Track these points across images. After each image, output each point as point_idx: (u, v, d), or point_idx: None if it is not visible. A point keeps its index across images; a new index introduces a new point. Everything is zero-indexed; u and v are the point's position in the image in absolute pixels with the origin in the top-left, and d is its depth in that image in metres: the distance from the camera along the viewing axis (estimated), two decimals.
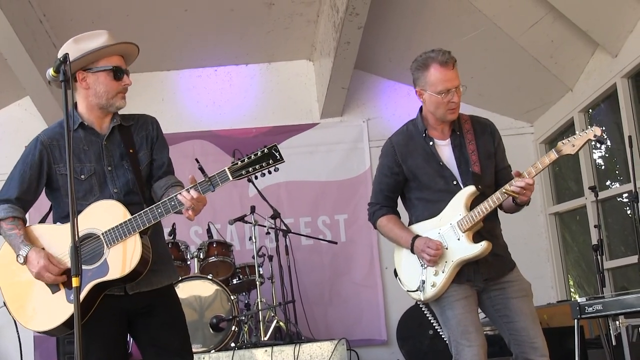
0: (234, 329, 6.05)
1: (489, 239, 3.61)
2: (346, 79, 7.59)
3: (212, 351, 5.89)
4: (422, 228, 3.71)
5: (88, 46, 3.30)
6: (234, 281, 6.73)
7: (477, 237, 3.62)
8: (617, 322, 5.07)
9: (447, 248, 3.62)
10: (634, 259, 5.41)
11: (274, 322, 6.41)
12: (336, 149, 8.16)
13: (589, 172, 7.20)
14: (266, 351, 5.71)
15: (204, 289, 6.14)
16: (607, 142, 7.27)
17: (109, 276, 3.17)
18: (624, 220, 7.17)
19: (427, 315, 6.58)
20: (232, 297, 6.12)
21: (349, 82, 7.68)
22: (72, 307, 2.91)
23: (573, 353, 4.67)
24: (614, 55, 6.52)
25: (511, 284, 3.67)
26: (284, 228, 6.76)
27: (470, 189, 3.64)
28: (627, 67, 6.39)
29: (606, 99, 7.02)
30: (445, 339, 3.80)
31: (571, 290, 8.06)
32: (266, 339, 6.21)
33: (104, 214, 3.24)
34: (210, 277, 6.18)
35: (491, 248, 3.59)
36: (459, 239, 3.61)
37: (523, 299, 3.65)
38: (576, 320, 4.61)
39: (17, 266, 3.25)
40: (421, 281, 3.64)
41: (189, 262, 6.62)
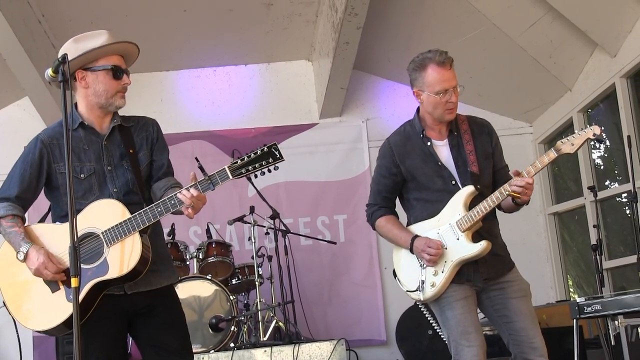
0: (233, 329, 6.05)
1: (488, 238, 3.61)
2: (345, 79, 7.59)
3: (212, 351, 5.88)
4: (421, 228, 3.71)
5: (87, 45, 3.30)
6: (233, 281, 6.73)
7: (476, 236, 3.62)
8: (616, 322, 5.06)
9: (446, 248, 3.61)
10: (633, 258, 5.40)
11: (273, 322, 6.41)
12: (335, 149, 8.16)
13: (588, 172, 7.21)
14: (265, 351, 5.70)
15: (203, 289, 6.13)
16: (606, 142, 7.27)
17: (108, 275, 3.17)
18: (623, 220, 7.18)
19: (426, 315, 6.58)
20: (232, 298, 6.12)
21: (348, 83, 7.68)
22: (72, 307, 2.91)
23: (572, 353, 4.66)
24: (612, 55, 6.52)
25: (510, 283, 3.67)
26: (283, 228, 6.76)
27: (469, 188, 3.63)
28: (626, 67, 6.39)
29: (605, 99, 7.02)
30: (445, 339, 3.79)
31: (570, 290, 8.06)
32: (265, 339, 6.20)
33: (103, 213, 3.24)
34: (209, 277, 6.18)
35: (491, 247, 3.59)
36: (458, 239, 3.60)
37: (522, 299, 3.65)
38: (575, 320, 4.61)
39: (17, 266, 3.25)
40: (420, 281, 3.64)
41: (188, 263, 6.62)
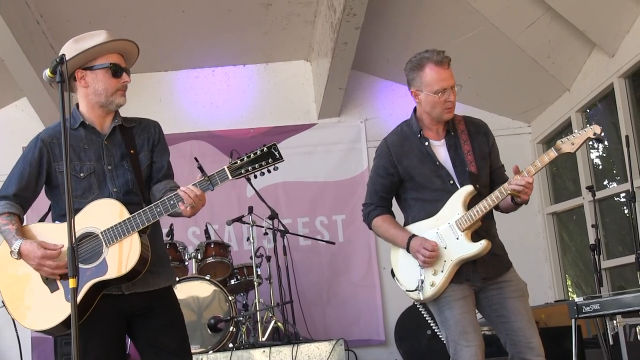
0: (232, 329, 6.05)
1: (486, 238, 3.61)
2: (344, 79, 7.59)
3: (210, 352, 5.88)
4: (419, 228, 3.71)
5: (86, 44, 3.31)
6: (232, 282, 6.72)
7: (475, 236, 3.62)
8: (615, 322, 5.08)
9: (445, 247, 3.61)
10: (631, 258, 5.42)
11: (272, 322, 6.40)
12: (334, 149, 8.16)
13: (587, 171, 7.21)
14: (264, 352, 5.70)
15: (202, 289, 6.13)
16: (604, 142, 7.26)
17: (107, 275, 3.16)
18: (621, 220, 7.18)
19: (425, 315, 6.58)
20: (230, 298, 6.12)
21: (346, 83, 7.68)
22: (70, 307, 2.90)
23: (571, 353, 4.66)
24: (611, 55, 6.53)
25: (508, 283, 3.67)
26: (282, 228, 6.75)
27: (468, 188, 3.63)
28: (624, 67, 6.40)
29: (603, 99, 7.03)
30: (443, 339, 3.79)
31: (569, 289, 8.07)
32: (264, 339, 6.20)
33: (102, 213, 3.24)
34: (208, 277, 6.18)
35: (490, 247, 3.59)
36: (457, 238, 3.60)
37: (519, 299, 3.65)
38: (574, 320, 4.61)
39: (15, 265, 3.24)
40: (419, 281, 3.63)
41: (186, 263, 6.62)
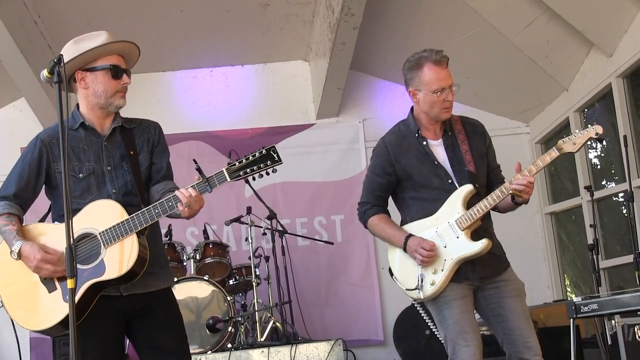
0: (230, 329, 6.04)
1: (485, 237, 3.62)
2: (342, 79, 7.59)
3: (209, 352, 5.88)
4: (418, 227, 3.70)
5: (87, 45, 3.30)
6: (231, 282, 6.72)
7: (474, 235, 3.62)
8: (613, 322, 5.09)
9: (445, 246, 3.61)
10: (630, 258, 5.43)
11: (271, 322, 6.41)
12: (332, 149, 8.16)
13: (585, 171, 7.21)
14: (263, 352, 5.70)
15: (201, 290, 6.13)
16: (604, 142, 7.27)
17: (105, 276, 3.16)
18: (619, 220, 7.19)
19: (423, 315, 6.58)
20: (229, 298, 6.11)
21: (344, 83, 7.68)
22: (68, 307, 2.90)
23: (569, 353, 4.67)
24: (609, 55, 6.53)
25: (506, 282, 3.68)
26: (280, 229, 6.75)
27: (468, 187, 3.64)
28: (622, 67, 6.40)
29: (601, 99, 7.03)
30: (441, 339, 3.79)
31: (567, 289, 8.07)
32: (263, 339, 6.20)
33: (101, 214, 3.24)
34: (206, 278, 6.17)
35: (491, 246, 3.59)
36: (457, 237, 3.60)
37: (517, 298, 3.66)
38: (572, 320, 4.62)
39: (14, 266, 3.24)
40: (419, 280, 3.63)
41: (185, 263, 6.61)
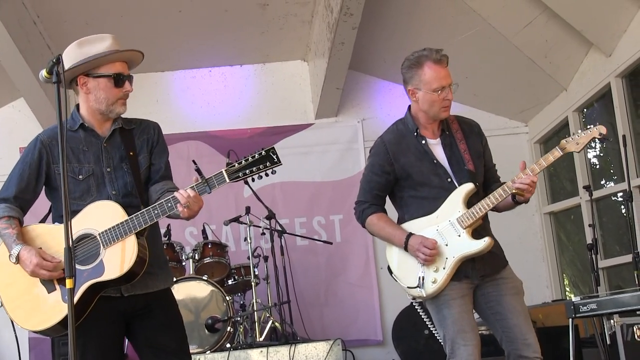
0: (229, 329, 6.05)
1: (485, 235, 3.63)
2: (341, 79, 7.59)
3: (208, 352, 5.88)
4: (418, 226, 3.69)
5: (91, 50, 3.29)
6: (229, 282, 6.72)
7: (474, 234, 3.62)
8: (612, 321, 5.09)
9: (447, 245, 3.60)
10: (629, 258, 5.42)
11: (270, 322, 6.41)
12: (331, 149, 8.16)
13: (584, 171, 7.21)
14: (261, 352, 5.70)
15: (199, 289, 6.13)
16: (604, 142, 7.27)
17: (104, 277, 3.16)
18: (618, 220, 7.19)
19: (422, 315, 6.57)
20: (228, 298, 6.12)
21: (343, 83, 7.68)
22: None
23: (568, 352, 4.67)
24: (608, 55, 6.53)
25: (505, 280, 3.68)
26: (279, 229, 6.75)
27: (469, 186, 3.64)
28: (621, 67, 6.40)
29: (600, 99, 7.03)
30: (439, 338, 3.79)
31: (566, 289, 8.07)
32: (261, 339, 6.20)
33: (101, 215, 3.24)
34: (205, 278, 6.18)
35: (493, 244, 3.60)
36: (459, 236, 3.60)
37: (515, 296, 3.66)
38: (571, 320, 4.62)
39: (14, 266, 3.24)
40: (420, 278, 3.62)
41: (184, 263, 6.61)
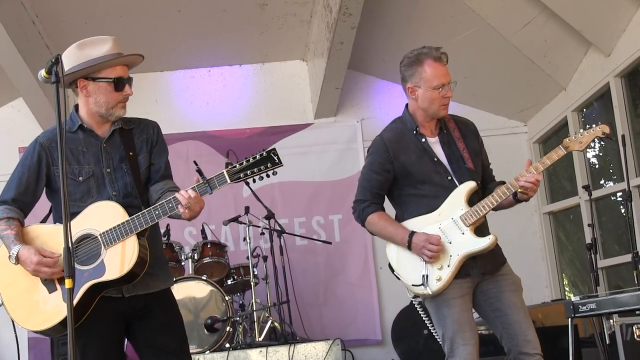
0: (228, 329, 6.04)
1: (485, 233, 3.63)
2: (340, 79, 7.59)
3: (207, 352, 5.88)
4: (420, 224, 3.67)
5: (92, 53, 3.29)
6: (229, 282, 6.72)
7: (476, 231, 3.63)
8: (611, 321, 5.08)
9: (450, 242, 3.60)
10: (628, 257, 5.42)
11: (269, 322, 6.40)
12: (330, 149, 8.15)
13: (583, 171, 7.22)
14: (261, 352, 5.70)
15: (199, 289, 6.12)
16: (602, 142, 7.27)
17: (105, 277, 3.16)
18: (617, 219, 7.19)
19: (422, 314, 6.56)
20: (227, 298, 6.11)
21: (342, 82, 7.67)
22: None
23: (567, 352, 4.67)
24: (607, 55, 6.53)
25: (504, 277, 3.68)
26: (278, 228, 6.75)
27: (471, 184, 3.64)
28: (620, 67, 6.40)
29: (599, 98, 7.03)
30: (437, 337, 3.78)
31: (565, 289, 8.08)
32: (261, 339, 6.20)
33: (102, 215, 3.24)
34: (204, 277, 6.17)
35: (496, 241, 3.60)
36: (463, 233, 3.60)
37: (515, 292, 3.66)
38: (570, 319, 4.62)
39: (15, 266, 3.24)
40: (424, 276, 3.59)
41: (183, 263, 6.61)
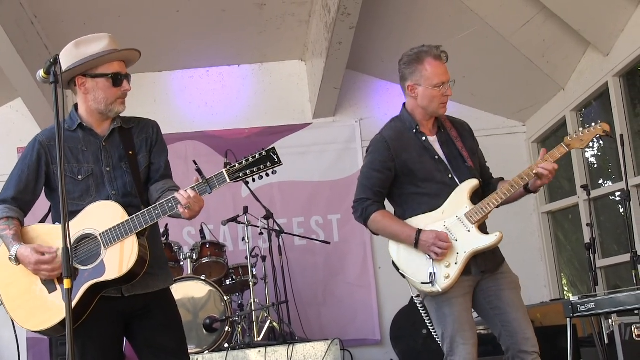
0: (227, 329, 6.04)
1: (485, 231, 3.65)
2: (338, 79, 7.59)
3: (206, 352, 5.88)
4: (423, 222, 3.65)
5: (88, 51, 3.29)
6: (227, 282, 6.72)
7: (480, 229, 3.63)
8: (610, 321, 5.08)
9: (456, 240, 3.59)
10: (627, 257, 5.41)
11: (268, 322, 6.40)
12: (329, 149, 8.15)
13: (582, 170, 7.22)
14: (260, 352, 5.70)
15: (197, 289, 6.12)
16: (600, 141, 7.29)
17: (105, 277, 3.16)
18: (616, 219, 7.19)
19: (422, 313, 6.56)
20: (226, 298, 6.11)
21: (341, 82, 7.68)
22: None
23: (566, 352, 4.67)
24: (605, 54, 6.54)
25: (503, 275, 3.69)
26: (277, 228, 6.75)
27: (474, 181, 3.65)
28: (618, 66, 6.41)
29: (598, 98, 7.04)
30: (437, 337, 3.78)
31: (564, 288, 8.08)
32: (260, 339, 6.20)
33: (101, 215, 3.23)
34: (203, 277, 6.17)
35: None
36: (469, 231, 3.60)
37: (514, 290, 3.67)
38: (569, 319, 4.62)
39: (15, 266, 3.23)
40: (432, 274, 3.58)
41: (182, 263, 6.61)
